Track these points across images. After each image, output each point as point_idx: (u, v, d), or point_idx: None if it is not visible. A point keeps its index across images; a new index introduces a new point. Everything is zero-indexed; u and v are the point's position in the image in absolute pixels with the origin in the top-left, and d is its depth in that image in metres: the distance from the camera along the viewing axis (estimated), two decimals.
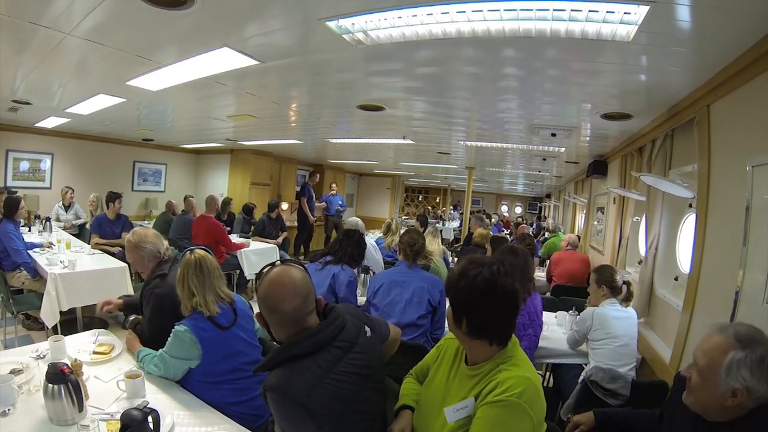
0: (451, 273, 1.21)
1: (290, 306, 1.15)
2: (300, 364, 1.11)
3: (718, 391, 1.09)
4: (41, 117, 5.08)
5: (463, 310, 1.14)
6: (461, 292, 1.15)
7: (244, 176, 7.97)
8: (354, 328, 1.25)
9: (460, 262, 1.24)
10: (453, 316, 1.17)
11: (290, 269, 1.20)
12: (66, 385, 1.36)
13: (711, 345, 1.12)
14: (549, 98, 2.85)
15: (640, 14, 1.49)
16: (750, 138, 1.78)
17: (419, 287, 2.54)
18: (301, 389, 1.07)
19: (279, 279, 1.17)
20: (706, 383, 1.12)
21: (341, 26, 1.84)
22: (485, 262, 1.16)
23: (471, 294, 1.14)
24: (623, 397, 2.21)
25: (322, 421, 1.08)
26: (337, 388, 1.12)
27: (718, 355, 1.09)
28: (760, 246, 1.62)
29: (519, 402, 1.04)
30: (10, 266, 3.71)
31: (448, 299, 1.20)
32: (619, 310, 2.47)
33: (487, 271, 1.13)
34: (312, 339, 1.14)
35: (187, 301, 1.71)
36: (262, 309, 1.19)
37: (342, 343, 1.18)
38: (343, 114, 3.98)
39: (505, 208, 17.66)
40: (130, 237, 2.12)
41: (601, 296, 2.53)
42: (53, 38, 2.22)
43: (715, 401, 1.12)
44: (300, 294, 1.17)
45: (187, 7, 1.75)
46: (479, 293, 1.13)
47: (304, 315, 1.18)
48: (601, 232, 5.02)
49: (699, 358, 1.15)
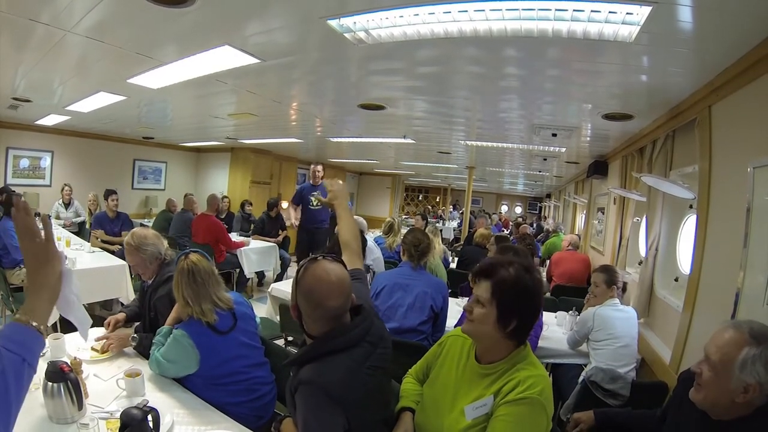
0: (504, 276, 1.18)
1: (336, 303, 1.16)
2: (336, 358, 1.14)
3: (729, 386, 1.09)
4: (41, 114, 5.07)
5: (517, 313, 1.16)
6: (518, 296, 1.17)
7: (244, 175, 7.97)
8: (380, 325, 1.30)
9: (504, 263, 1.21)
10: (499, 318, 1.16)
11: (335, 265, 1.19)
12: (65, 384, 1.36)
13: (725, 340, 1.12)
14: (550, 98, 2.85)
15: (643, 15, 1.48)
16: (751, 139, 1.78)
17: (422, 292, 2.47)
18: (337, 383, 1.10)
19: (327, 276, 1.15)
20: (718, 378, 1.12)
21: (343, 25, 1.84)
22: (530, 267, 1.20)
23: (527, 298, 1.18)
24: (623, 398, 2.21)
25: (351, 413, 1.11)
26: (368, 382, 1.16)
27: (732, 350, 1.10)
28: (760, 247, 1.62)
29: (540, 399, 1.09)
30: (9, 264, 3.71)
31: (497, 300, 1.17)
32: (620, 310, 2.47)
33: (536, 276, 1.20)
34: (349, 335, 1.17)
35: (184, 309, 1.70)
36: (302, 303, 1.18)
37: (372, 338, 1.22)
38: (343, 113, 3.97)
39: (505, 207, 17.66)
40: (130, 239, 2.07)
41: (609, 297, 2.53)
42: (54, 36, 2.21)
43: (725, 397, 1.12)
44: (345, 293, 1.18)
45: (188, 5, 1.74)
46: (533, 298, 1.19)
47: (344, 312, 1.20)
48: (602, 233, 5.02)
49: (712, 354, 1.14)
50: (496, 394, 1.14)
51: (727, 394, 1.11)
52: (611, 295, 2.53)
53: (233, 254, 5.27)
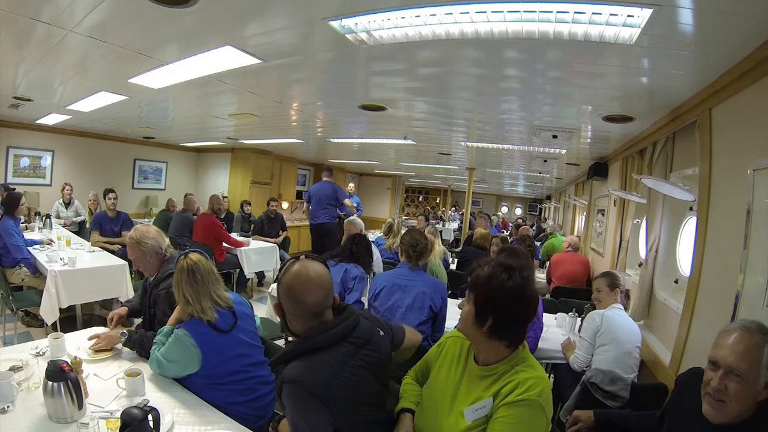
0: (479, 273, 1.20)
1: (313, 299, 1.19)
2: (317, 356, 1.16)
3: (757, 388, 1.08)
4: (42, 114, 5.07)
5: (491, 311, 1.15)
6: (491, 293, 1.16)
7: (244, 175, 7.97)
8: (368, 327, 1.31)
9: (484, 263, 1.23)
10: (475, 316, 1.17)
11: (315, 263, 1.23)
12: (65, 383, 1.35)
13: (747, 346, 1.10)
14: (550, 100, 2.85)
15: (644, 17, 1.49)
16: (752, 141, 1.78)
17: (421, 292, 2.46)
18: (319, 381, 1.12)
19: (305, 272, 1.20)
20: (748, 386, 1.09)
21: (344, 26, 1.84)
22: (515, 266, 1.19)
23: (502, 296, 1.16)
24: (623, 399, 2.21)
25: (337, 411, 1.12)
26: (351, 381, 1.17)
27: (756, 353, 1.09)
28: (760, 249, 1.62)
29: (539, 401, 1.10)
30: (9, 263, 3.71)
31: (473, 298, 1.19)
32: (624, 317, 2.42)
33: (519, 276, 1.17)
34: (330, 332, 1.19)
35: (184, 308, 1.71)
36: (283, 300, 1.21)
37: (356, 340, 1.24)
38: (344, 114, 3.98)
39: (505, 209, 17.67)
40: (132, 234, 2.12)
41: (613, 301, 2.50)
42: (55, 35, 2.21)
43: (752, 403, 1.10)
44: (324, 288, 1.21)
45: (189, 5, 1.74)
46: (510, 296, 1.15)
47: (323, 309, 1.22)
48: (602, 235, 5.02)
49: (735, 363, 1.10)
50: (495, 396, 1.15)
51: (753, 398, 1.09)
52: (615, 299, 2.50)
53: (233, 254, 5.28)
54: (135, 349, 1.90)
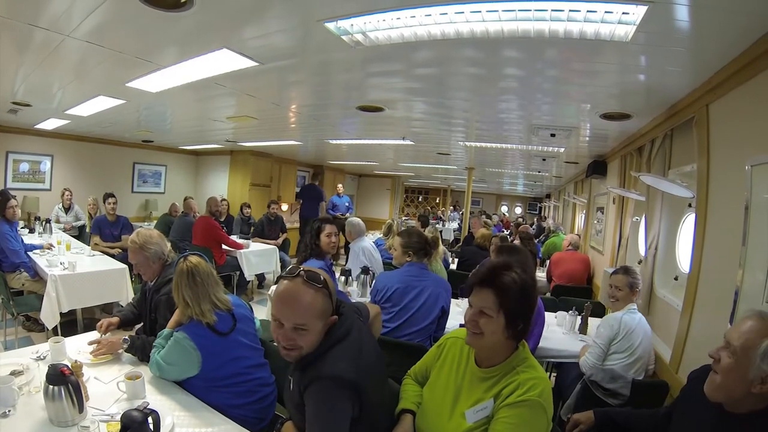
0: (509, 282, 1.19)
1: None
2: (334, 350, 1.19)
3: (747, 375, 1.09)
4: (41, 119, 5.08)
5: (523, 317, 1.19)
6: (526, 301, 1.20)
7: (243, 177, 7.97)
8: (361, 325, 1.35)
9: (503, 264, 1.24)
10: (507, 325, 1.17)
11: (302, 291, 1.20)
12: (66, 387, 1.35)
13: (748, 327, 1.12)
14: (548, 98, 2.85)
15: (639, 14, 1.49)
16: (749, 137, 1.79)
17: (434, 293, 2.47)
18: (345, 369, 1.14)
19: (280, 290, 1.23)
20: (738, 365, 1.11)
21: (340, 27, 1.85)
22: (526, 264, 1.27)
23: (531, 302, 1.21)
24: (623, 397, 2.21)
25: (363, 394, 1.14)
26: (369, 365, 1.22)
27: (755, 337, 1.09)
28: (759, 245, 1.62)
29: (540, 401, 1.11)
30: (9, 267, 3.71)
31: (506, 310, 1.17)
32: (642, 324, 2.34)
33: (531, 279, 1.25)
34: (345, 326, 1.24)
35: (184, 311, 1.71)
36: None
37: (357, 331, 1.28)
38: (342, 115, 3.98)
39: (505, 208, 17.67)
40: (135, 238, 2.09)
41: (630, 302, 2.38)
42: (53, 40, 2.22)
43: (741, 387, 1.11)
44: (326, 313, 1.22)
45: (186, 9, 1.75)
46: (533, 301, 1.22)
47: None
48: (601, 232, 5.02)
49: (734, 339, 1.13)
50: (497, 397, 1.15)
51: (744, 383, 1.10)
52: (632, 300, 2.38)
53: (233, 257, 5.28)
54: (137, 355, 1.88)
